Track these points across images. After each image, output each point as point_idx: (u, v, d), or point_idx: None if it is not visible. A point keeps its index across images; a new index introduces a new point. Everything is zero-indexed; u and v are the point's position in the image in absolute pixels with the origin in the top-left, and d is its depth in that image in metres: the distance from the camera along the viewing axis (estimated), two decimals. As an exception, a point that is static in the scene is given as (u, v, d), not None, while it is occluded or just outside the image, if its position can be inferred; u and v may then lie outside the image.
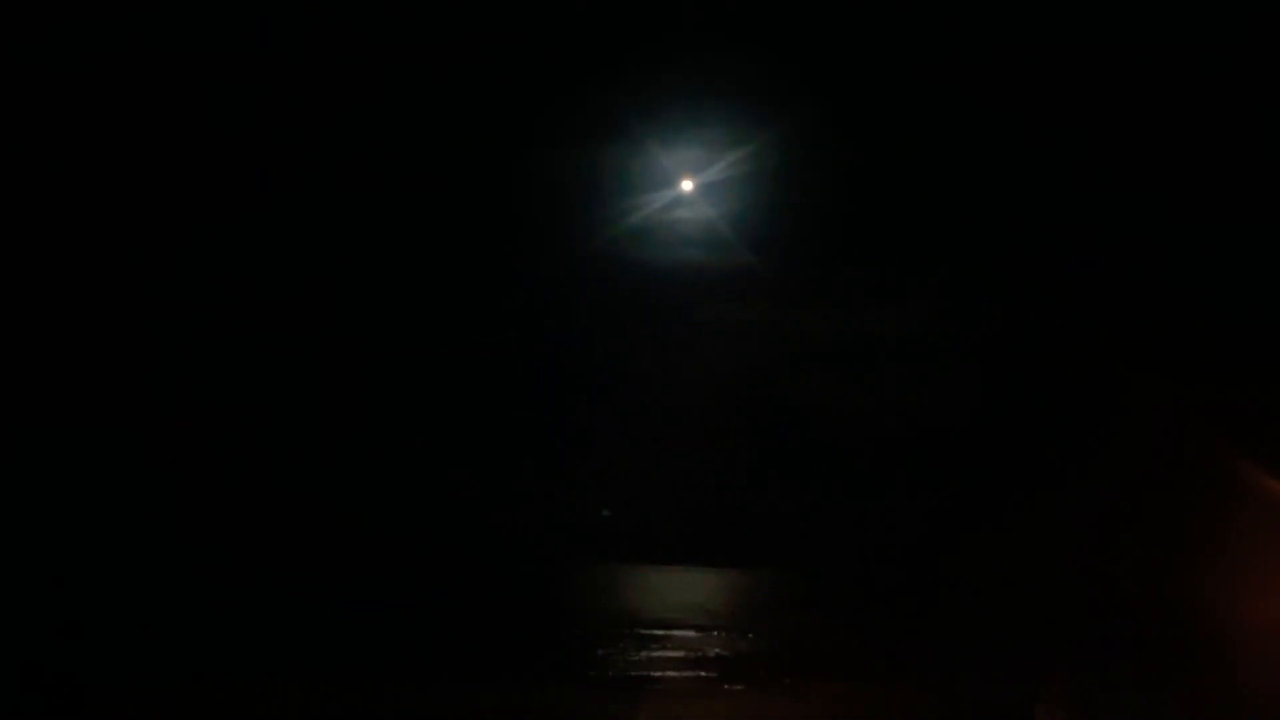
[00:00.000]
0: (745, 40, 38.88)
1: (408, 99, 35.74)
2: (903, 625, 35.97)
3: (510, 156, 41.06)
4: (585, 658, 34.19)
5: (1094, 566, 36.35)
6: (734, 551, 45.63)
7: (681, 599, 41.76)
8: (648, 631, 37.11)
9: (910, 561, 41.78)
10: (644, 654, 34.68)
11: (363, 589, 35.51)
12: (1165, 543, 35.39)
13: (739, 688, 32.00)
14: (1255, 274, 37.37)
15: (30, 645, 27.76)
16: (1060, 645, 30.63)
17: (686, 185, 42.26)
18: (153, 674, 27.04)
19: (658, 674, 32.93)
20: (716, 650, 35.94)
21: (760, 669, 33.30)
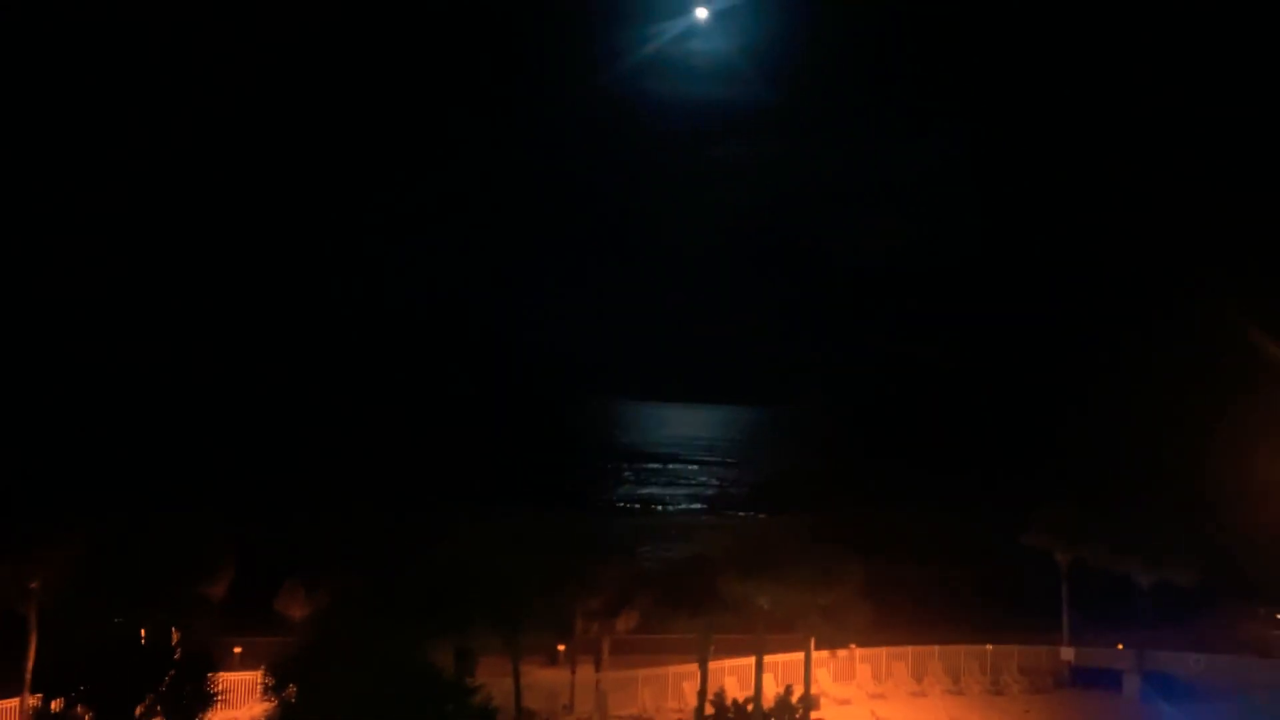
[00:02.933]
0: None
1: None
2: (898, 460, 38.75)
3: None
4: (594, 489, 37.37)
5: (1086, 409, 38.41)
6: (740, 388, 47.88)
7: (685, 434, 44.67)
8: (653, 466, 40.31)
9: (910, 399, 44.12)
10: (647, 488, 37.97)
11: (379, 423, 37.87)
12: (1163, 392, 36.96)
13: (730, 515, 35.24)
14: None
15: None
16: (1050, 478, 33.40)
17: (700, 14, 40.46)
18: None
19: (657, 506, 36.30)
20: (711, 482, 39.18)
21: (751, 500, 36.59)
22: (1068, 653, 31.01)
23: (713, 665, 25.84)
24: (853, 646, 29.14)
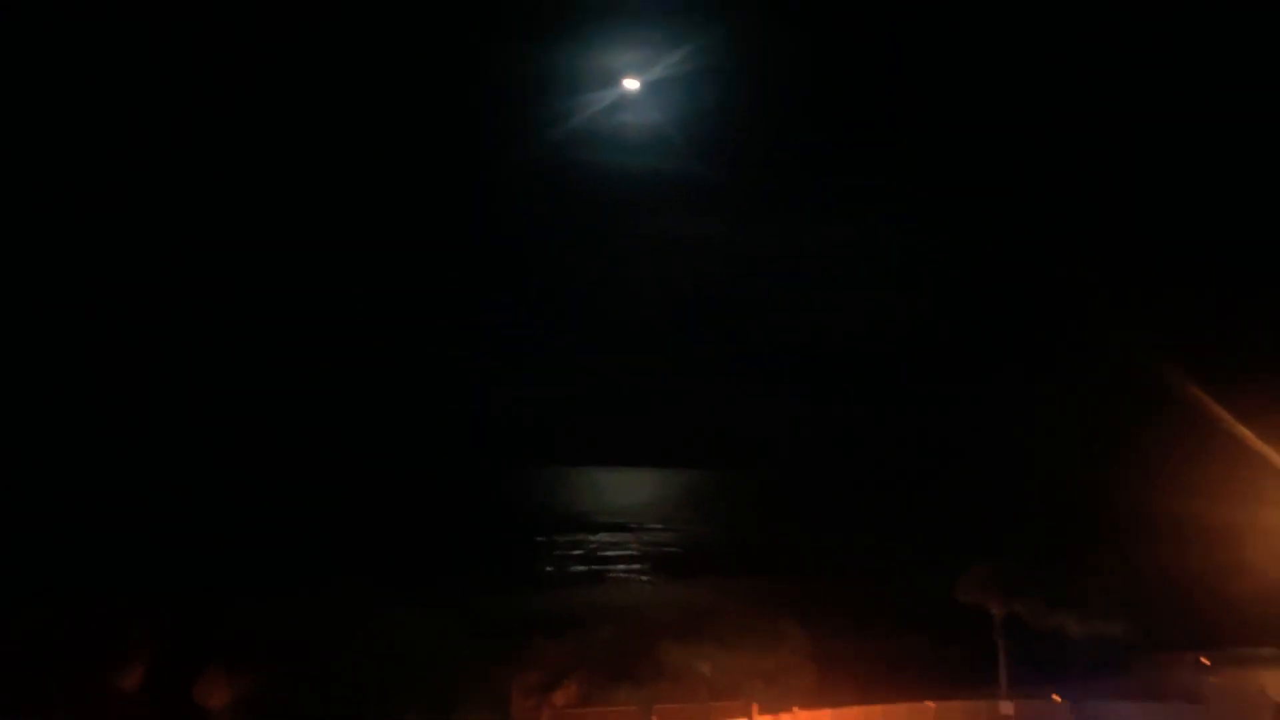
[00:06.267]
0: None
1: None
2: (839, 523, 39.01)
3: (447, 57, 39.05)
4: (530, 559, 36.66)
5: (1021, 466, 39.40)
6: (678, 453, 47.57)
7: (624, 500, 44.33)
8: (592, 534, 39.82)
9: (848, 463, 44.49)
10: (589, 561, 37.46)
11: (328, 495, 36.21)
12: (1086, 444, 38.25)
13: (671, 582, 34.87)
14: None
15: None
16: (982, 536, 34.03)
17: (630, 85, 40.61)
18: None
19: (596, 575, 35.90)
20: (651, 550, 38.85)
21: (692, 567, 36.27)
22: (1007, 707, 31.18)
23: (656, 736, 25.32)
24: (796, 710, 28.82)
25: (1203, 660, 32.65)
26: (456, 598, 29.59)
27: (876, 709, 30.04)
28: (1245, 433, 31.97)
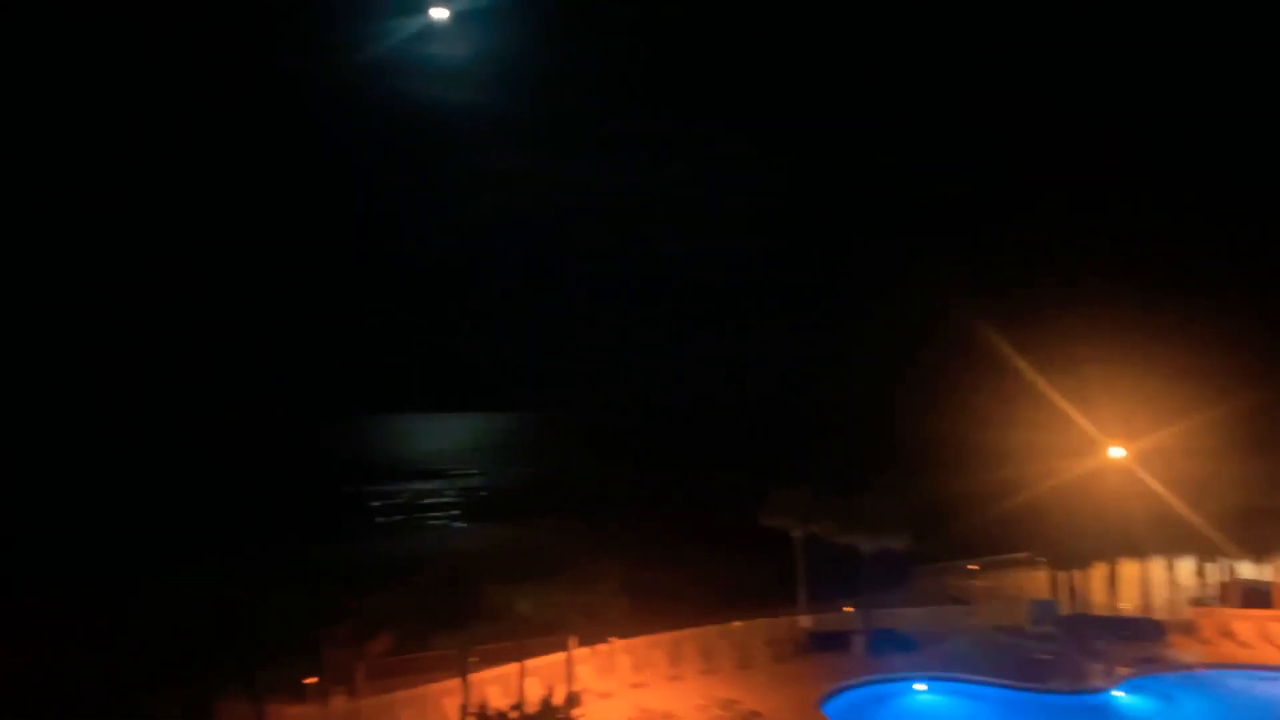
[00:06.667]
0: None
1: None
2: (650, 458, 40.87)
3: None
4: (352, 511, 36.10)
5: (818, 399, 42.55)
6: (493, 398, 47.92)
7: (438, 446, 44.26)
8: (408, 486, 39.73)
9: (660, 398, 46.45)
10: (404, 510, 37.33)
11: (132, 452, 33.96)
12: (875, 380, 41.61)
13: (488, 525, 35.30)
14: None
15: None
16: (782, 464, 36.51)
17: (438, 14, 38.52)
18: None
19: (412, 523, 35.82)
20: (468, 494, 39.16)
21: (508, 509, 36.91)
22: (806, 621, 33.88)
23: (475, 677, 25.64)
24: (612, 640, 30.01)
25: (970, 567, 36.86)
26: (266, 553, 28.62)
27: (687, 632, 31.83)
28: (1017, 363, 35.60)
